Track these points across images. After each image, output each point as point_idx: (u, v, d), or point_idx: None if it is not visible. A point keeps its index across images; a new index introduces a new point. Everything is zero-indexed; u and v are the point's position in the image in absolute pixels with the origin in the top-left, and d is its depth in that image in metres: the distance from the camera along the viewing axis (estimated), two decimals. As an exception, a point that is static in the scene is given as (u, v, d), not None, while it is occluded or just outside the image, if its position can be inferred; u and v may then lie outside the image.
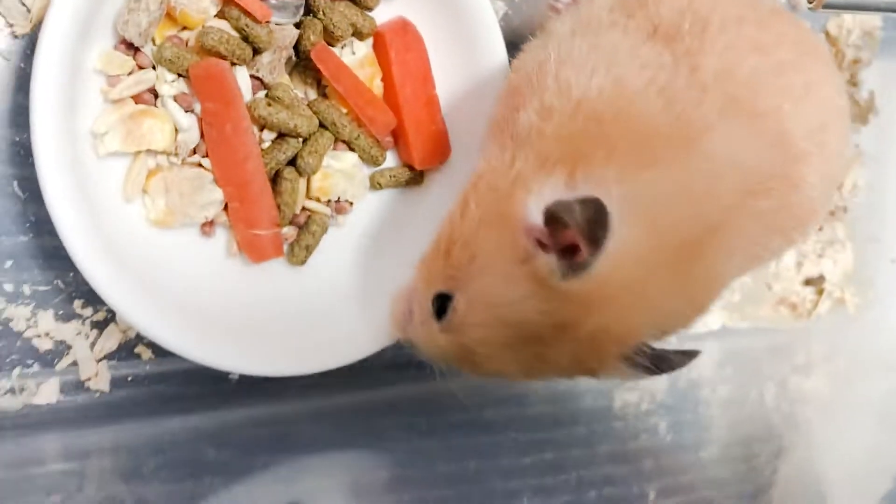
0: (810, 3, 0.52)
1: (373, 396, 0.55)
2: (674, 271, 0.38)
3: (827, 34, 0.71)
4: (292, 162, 0.47)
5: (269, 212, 0.46)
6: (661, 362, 0.39)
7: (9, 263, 0.43)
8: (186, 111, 0.44)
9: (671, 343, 0.65)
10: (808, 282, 0.76)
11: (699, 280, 0.39)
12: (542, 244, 0.37)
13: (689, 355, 0.40)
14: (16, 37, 0.42)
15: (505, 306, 0.38)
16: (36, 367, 0.45)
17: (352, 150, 0.49)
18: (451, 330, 0.40)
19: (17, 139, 0.42)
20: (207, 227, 0.46)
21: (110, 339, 0.46)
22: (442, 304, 0.40)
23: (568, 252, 0.36)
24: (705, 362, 0.73)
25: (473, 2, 0.49)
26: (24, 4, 0.41)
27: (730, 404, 0.73)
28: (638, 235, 0.36)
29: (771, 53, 0.43)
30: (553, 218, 0.35)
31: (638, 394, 0.67)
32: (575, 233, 0.34)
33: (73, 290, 0.45)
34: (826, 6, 0.52)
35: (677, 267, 0.38)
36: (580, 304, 0.36)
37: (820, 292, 0.76)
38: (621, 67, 0.40)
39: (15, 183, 0.43)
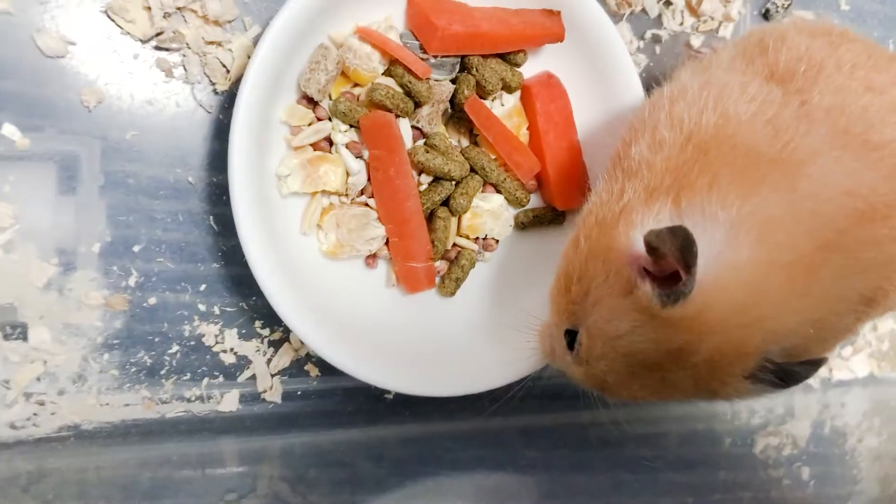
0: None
1: (519, 423, 0.59)
2: (788, 290, 0.38)
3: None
4: (445, 202, 0.52)
5: (424, 247, 0.51)
6: (787, 376, 0.39)
7: (203, 287, 0.50)
8: (356, 157, 0.49)
9: (815, 389, 0.66)
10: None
11: (818, 298, 0.39)
12: (649, 273, 0.38)
13: (815, 364, 0.40)
14: (217, 93, 0.49)
15: (619, 338, 0.39)
16: (221, 379, 0.51)
17: (499, 192, 0.54)
18: (580, 362, 0.42)
19: (214, 180, 0.49)
20: (371, 259, 0.52)
21: (284, 357, 0.52)
22: (571, 338, 0.43)
23: (672, 280, 0.37)
24: (852, 411, 0.72)
25: (614, 53, 0.53)
26: (224, 66, 0.49)
27: (880, 457, 0.70)
28: (746, 258, 0.37)
29: (886, 93, 0.44)
30: (652, 247, 0.37)
31: (779, 439, 0.66)
32: (671, 260, 0.36)
33: (254, 313, 0.51)
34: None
35: (792, 286, 0.38)
36: (690, 330, 0.37)
37: (979, 344, 0.73)
38: (729, 102, 0.43)
39: (211, 218, 0.49)
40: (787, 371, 0.39)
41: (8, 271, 0.46)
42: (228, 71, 0.49)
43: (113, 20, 0.47)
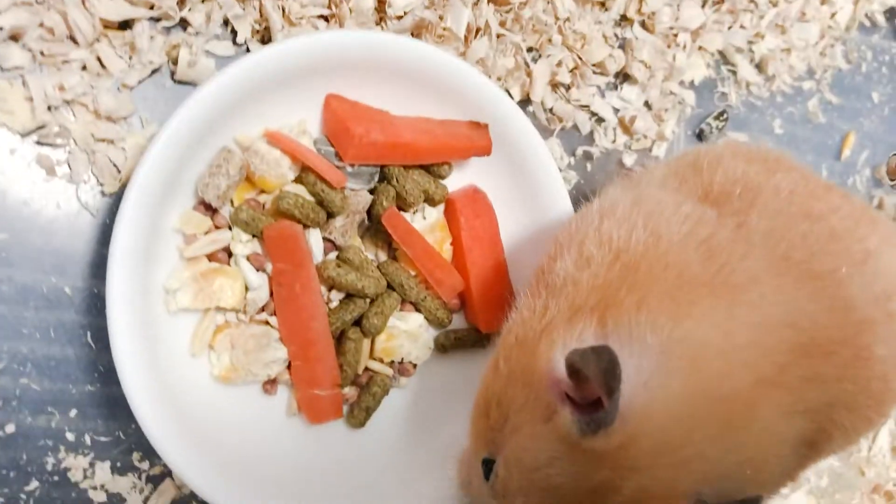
0: (892, 180, 0.51)
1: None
2: (723, 426, 0.35)
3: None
4: (358, 322, 0.47)
5: (331, 371, 0.46)
6: None
7: (73, 413, 0.44)
8: (258, 270, 0.45)
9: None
10: (904, 468, 0.71)
11: (756, 437, 0.36)
12: (571, 399, 0.35)
13: (752, 502, 0.36)
14: (104, 195, 0.44)
15: (537, 470, 0.35)
16: (88, 521, 0.44)
17: (418, 311, 0.49)
18: (496, 495, 0.38)
19: (96, 291, 0.44)
20: (269, 385, 0.46)
21: (164, 496, 0.46)
22: (488, 467, 0.38)
23: (595, 407, 0.34)
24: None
25: (543, 168, 0.51)
26: (115, 166, 0.44)
27: None
28: (677, 385, 0.34)
29: (824, 220, 0.42)
30: (574, 370, 0.33)
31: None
32: (594, 384, 0.32)
33: (133, 442, 0.45)
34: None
35: (727, 421, 0.35)
36: (613, 466, 0.34)
37: (918, 480, 0.70)
38: (661, 220, 0.40)
39: (88, 333, 0.44)
40: None
41: None
42: (119, 171, 0.44)
43: (-10, 111, 0.42)
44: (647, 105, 0.60)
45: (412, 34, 0.51)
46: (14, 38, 0.42)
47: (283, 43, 0.43)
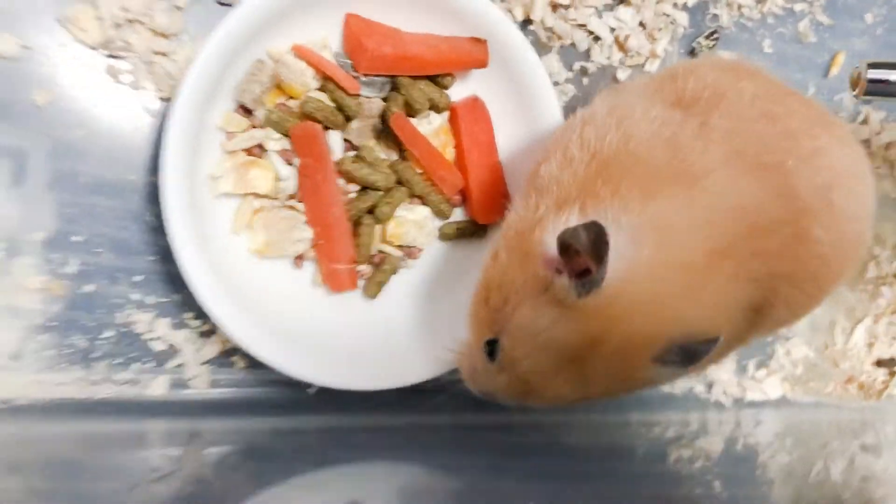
0: (853, 90, 0.57)
1: (441, 421, 0.62)
2: (686, 286, 0.42)
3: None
4: (371, 210, 0.56)
5: (347, 250, 0.55)
6: (691, 353, 0.42)
7: (139, 278, 0.54)
8: (287, 164, 0.53)
9: (728, 407, 0.69)
10: (879, 363, 0.77)
11: (710, 297, 0.43)
12: (560, 273, 0.42)
13: (712, 341, 0.42)
14: (161, 100, 0.53)
15: (540, 333, 0.43)
16: (151, 365, 0.54)
17: (425, 204, 0.58)
18: (504, 368, 0.45)
19: (154, 181, 0.53)
20: (298, 260, 0.55)
21: (212, 347, 0.56)
22: (492, 348, 0.46)
23: (584, 276, 0.41)
24: (764, 430, 0.75)
25: (537, 81, 0.57)
26: (169, 75, 0.53)
27: (791, 474, 0.74)
28: (647, 254, 0.41)
29: (780, 121, 0.48)
30: (565, 246, 0.41)
31: (692, 451, 0.70)
32: (583, 254, 0.40)
33: (185, 305, 0.55)
34: (872, 92, 0.57)
35: (688, 282, 0.42)
36: (603, 319, 0.41)
37: (893, 374, 0.77)
38: (632, 122, 0.47)
39: (149, 216, 0.53)
40: (690, 349, 0.42)
41: (-46, 253, 0.49)
42: (173, 79, 0.53)
43: (67, 28, 0.51)
44: (642, 25, 0.66)
45: (422, -38, 0.58)
46: (86, -32, 0.51)
47: (308, -30, 0.51)
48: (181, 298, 0.54)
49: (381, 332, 0.57)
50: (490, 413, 0.64)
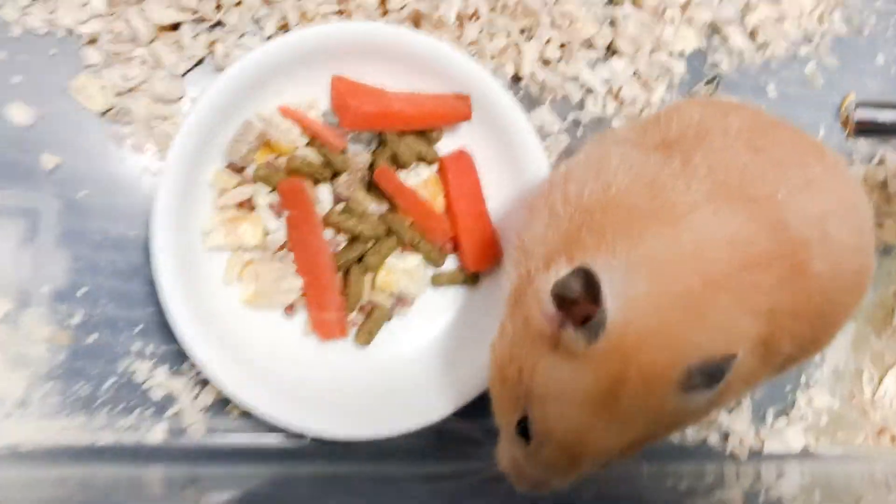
0: (845, 128, 0.57)
1: (425, 470, 0.62)
2: (689, 313, 0.42)
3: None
4: (361, 260, 0.58)
5: (336, 299, 0.56)
6: (713, 372, 0.41)
7: (139, 328, 0.56)
8: (276, 217, 0.56)
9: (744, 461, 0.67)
10: (913, 411, 0.74)
11: (714, 327, 0.43)
12: (563, 326, 0.42)
13: (732, 356, 0.41)
14: (161, 160, 0.57)
15: (563, 391, 0.42)
16: (150, 412, 0.57)
17: (416, 253, 0.59)
18: (542, 443, 0.44)
19: (156, 235, 0.56)
20: (289, 309, 0.57)
21: (209, 396, 0.58)
22: (523, 426, 0.45)
23: (587, 322, 0.41)
24: (788, 483, 0.73)
25: (521, 134, 0.59)
26: (169, 137, 0.56)
27: (823, 533, 0.71)
28: (643, 289, 0.42)
29: (768, 152, 0.48)
30: (560, 299, 0.41)
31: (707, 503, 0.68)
32: (580, 301, 0.41)
33: (183, 354, 0.57)
34: (862, 132, 0.56)
35: (691, 309, 0.42)
36: (618, 358, 0.41)
37: (929, 424, 0.74)
38: (609, 172, 0.48)
39: (149, 269, 0.56)
40: (711, 369, 0.41)
41: (-31, 306, 0.53)
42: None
43: (74, 97, 0.55)
44: (637, 75, 0.67)
45: (413, 23, 0.61)
46: (91, 42, 0.55)
47: (294, 33, 0.55)
48: (178, 348, 0.57)
49: (374, 380, 0.59)
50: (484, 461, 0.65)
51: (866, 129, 0.56)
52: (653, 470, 0.69)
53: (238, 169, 0.55)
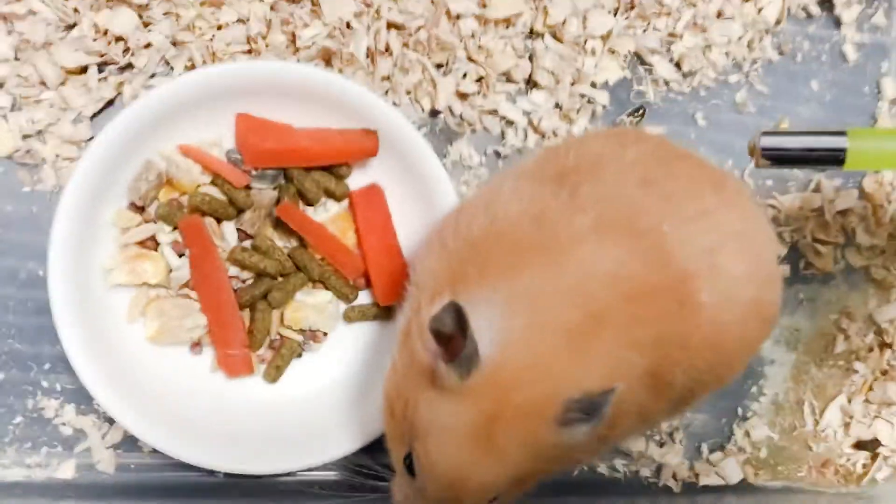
0: (751, 157, 0.56)
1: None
2: (567, 348, 0.42)
3: (862, 191, 0.71)
4: (266, 297, 0.58)
5: (239, 336, 0.57)
6: (590, 407, 0.41)
7: (47, 366, 0.57)
8: (179, 255, 0.57)
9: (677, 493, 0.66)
10: (858, 445, 0.72)
11: (595, 362, 0.43)
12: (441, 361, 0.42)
13: (610, 391, 0.41)
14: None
15: (441, 427, 0.43)
16: (59, 449, 0.58)
17: (326, 289, 0.60)
18: (426, 479, 0.44)
19: (66, 274, 0.57)
20: (196, 346, 0.58)
21: (118, 432, 0.58)
22: (409, 461, 0.45)
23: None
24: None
25: (429, 167, 0.59)
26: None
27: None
28: (520, 323, 0.42)
29: (659, 185, 0.48)
30: (436, 333, 0.41)
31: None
32: (455, 336, 0.41)
33: (94, 391, 0.58)
34: (769, 160, 0.55)
35: (569, 344, 0.42)
36: (493, 393, 0.41)
37: (875, 457, 0.72)
38: (498, 205, 0.48)
39: (59, 306, 0.57)
40: (589, 404, 0.41)
41: None
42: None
43: (-19, 140, 0.57)
44: (558, 106, 0.67)
45: (323, 60, 0.62)
46: (-1, 85, 0.57)
47: (196, 71, 0.55)
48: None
49: (285, 416, 0.59)
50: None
51: (773, 158, 0.55)
52: (581, 503, 0.68)
53: (139, 208, 0.56)
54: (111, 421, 0.58)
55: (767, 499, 0.71)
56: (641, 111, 0.69)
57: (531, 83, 0.67)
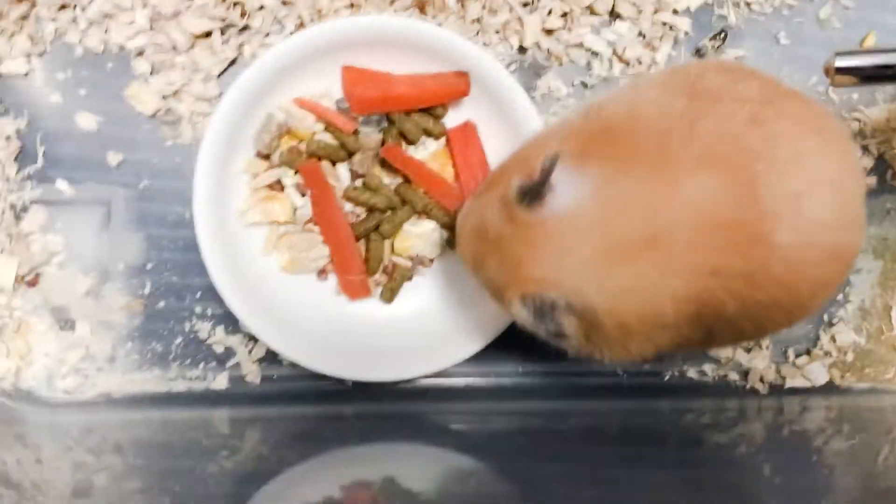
0: (827, 77, 0.59)
1: (458, 406, 0.71)
2: (599, 260, 0.47)
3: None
4: (378, 228, 0.65)
5: (358, 263, 0.65)
6: (538, 310, 0.48)
7: (199, 294, 0.67)
8: (302, 194, 0.64)
9: (764, 394, 0.70)
10: (948, 346, 0.75)
11: (622, 281, 0.47)
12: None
13: (558, 307, 0.48)
14: (205, 151, 0.66)
15: (484, 215, 0.52)
16: (213, 364, 0.68)
17: (430, 218, 0.67)
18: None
19: (207, 215, 0.66)
20: (322, 274, 0.66)
21: (261, 349, 0.68)
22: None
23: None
24: (814, 417, 0.75)
25: (520, 105, 0.64)
26: (210, 131, 0.65)
27: (854, 461, 0.73)
28: (583, 212, 0.47)
29: (766, 125, 0.49)
30: (541, 167, 0.47)
31: (729, 437, 0.72)
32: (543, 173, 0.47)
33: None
34: (843, 83, 0.58)
35: (604, 258, 0.47)
36: (520, 228, 0.48)
37: (963, 357, 0.74)
38: (641, 105, 0.52)
39: (203, 243, 0.66)
40: (540, 306, 0.48)
41: (61, 283, 0.65)
42: (215, 133, 0.66)
43: (129, 103, 0.65)
44: (642, 35, 0.70)
45: (418, 8, 0.67)
46: (139, 54, 0.65)
47: (305, 31, 0.62)
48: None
49: (400, 331, 0.67)
50: (515, 400, 0.72)
51: (849, 77, 0.58)
52: (672, 405, 0.74)
53: (265, 156, 0.64)
54: (255, 339, 0.68)
55: (854, 399, 0.75)
56: (724, 35, 0.71)
57: (614, 14, 0.70)
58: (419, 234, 0.66)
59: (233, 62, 0.67)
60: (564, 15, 0.69)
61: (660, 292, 0.48)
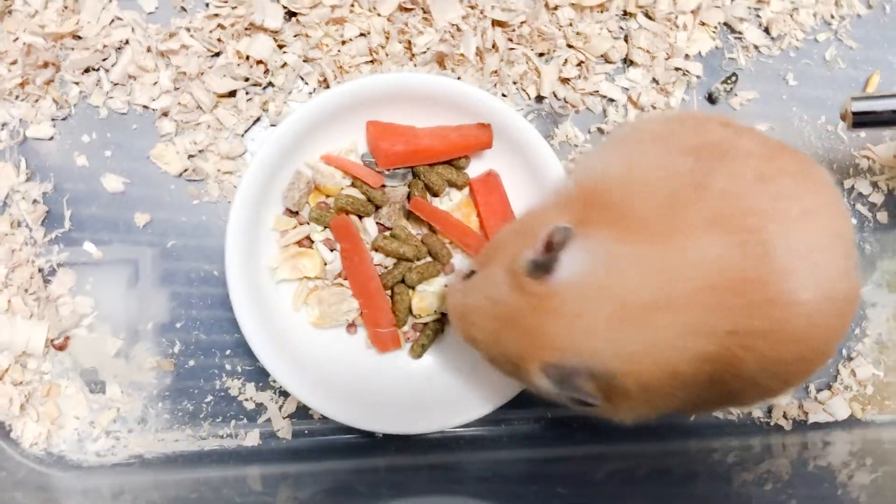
0: (844, 121, 0.60)
1: (490, 456, 0.71)
2: (614, 325, 0.46)
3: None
4: (404, 279, 0.66)
5: (387, 316, 0.65)
6: (561, 378, 0.48)
7: (228, 352, 0.67)
8: (331, 250, 0.65)
9: (788, 430, 0.71)
10: (964, 375, 0.76)
11: (638, 344, 0.47)
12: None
13: (586, 403, 0.49)
14: (232, 209, 0.67)
15: (495, 286, 0.51)
16: (244, 421, 0.67)
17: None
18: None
19: (234, 272, 0.67)
20: (351, 327, 0.67)
21: (292, 404, 0.68)
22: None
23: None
24: (837, 451, 0.76)
25: (539, 151, 0.65)
26: (235, 187, 0.66)
27: (879, 493, 0.74)
28: (594, 279, 0.47)
29: (772, 182, 0.50)
30: (548, 239, 0.48)
31: (756, 475, 0.72)
32: (552, 244, 0.47)
33: (268, 371, 0.67)
34: (860, 124, 0.59)
35: (619, 322, 0.46)
36: (532, 300, 0.48)
37: (981, 387, 0.75)
38: (639, 163, 0.53)
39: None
40: (562, 374, 0.48)
41: (90, 345, 0.65)
42: (240, 191, 0.66)
43: (155, 163, 0.66)
44: (655, 81, 0.72)
45: (437, 62, 0.68)
46: (164, 114, 0.66)
47: (331, 90, 0.63)
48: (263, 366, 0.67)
49: (431, 383, 0.67)
50: (548, 447, 0.72)
51: (865, 121, 0.59)
52: (700, 445, 0.75)
53: (293, 213, 0.65)
54: (286, 394, 0.68)
55: (876, 431, 0.76)
56: (734, 78, 0.73)
57: (628, 62, 0.72)
58: (433, 293, 0.66)
59: (257, 120, 0.67)
60: (580, 64, 0.71)
61: (677, 353, 0.48)
